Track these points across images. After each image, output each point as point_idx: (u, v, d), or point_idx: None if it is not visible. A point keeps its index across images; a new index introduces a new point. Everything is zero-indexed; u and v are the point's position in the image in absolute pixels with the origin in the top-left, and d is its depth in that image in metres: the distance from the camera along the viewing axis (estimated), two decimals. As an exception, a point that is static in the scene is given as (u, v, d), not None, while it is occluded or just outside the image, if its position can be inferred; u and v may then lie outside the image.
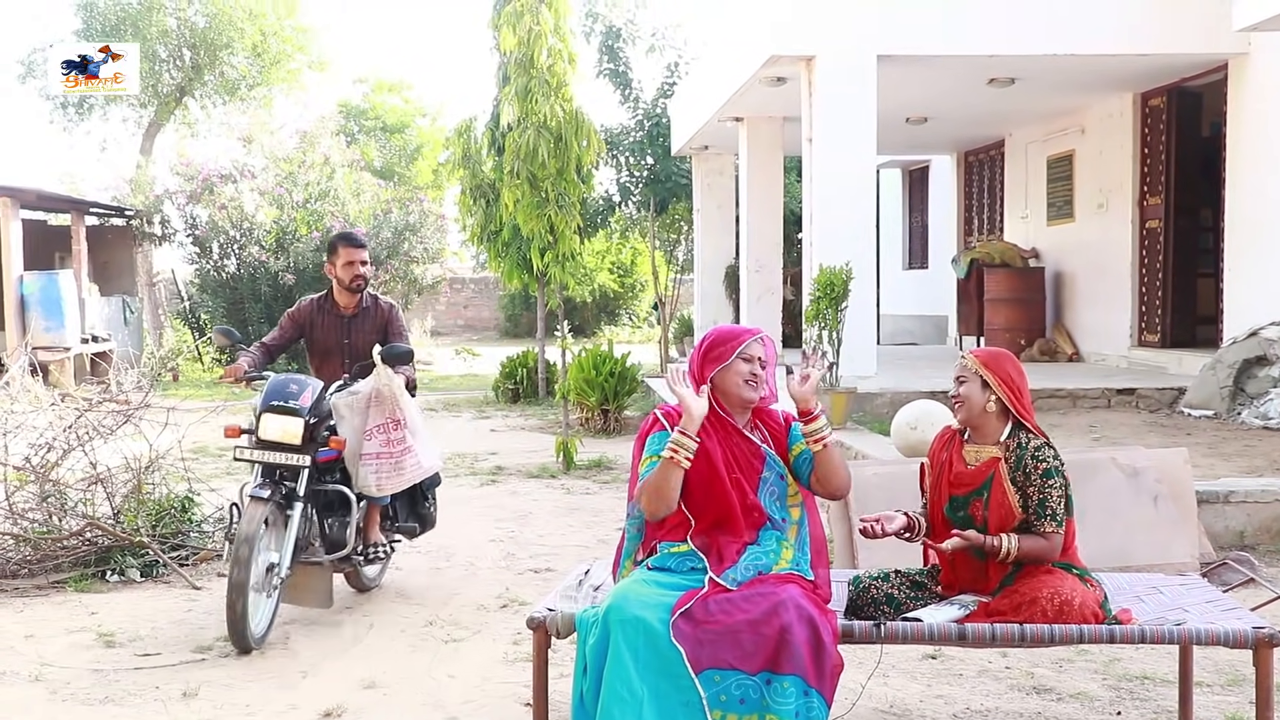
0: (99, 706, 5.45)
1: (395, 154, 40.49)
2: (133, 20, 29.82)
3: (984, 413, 4.63)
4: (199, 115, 33.28)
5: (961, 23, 12.46)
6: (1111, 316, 15.54)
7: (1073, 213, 16.72)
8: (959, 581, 4.69)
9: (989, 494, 4.57)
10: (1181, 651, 5.02)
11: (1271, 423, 11.13)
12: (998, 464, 4.59)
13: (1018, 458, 4.58)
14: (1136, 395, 12.55)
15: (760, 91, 14.52)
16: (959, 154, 20.90)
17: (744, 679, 4.21)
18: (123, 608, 7.09)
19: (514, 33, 11.62)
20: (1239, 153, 12.87)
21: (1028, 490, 4.55)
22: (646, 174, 21.96)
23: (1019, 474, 4.56)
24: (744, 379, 4.57)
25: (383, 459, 6.72)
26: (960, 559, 4.68)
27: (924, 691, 5.46)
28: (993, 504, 4.55)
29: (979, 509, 4.59)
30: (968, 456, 4.68)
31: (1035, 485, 4.54)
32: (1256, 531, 7.92)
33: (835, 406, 10.95)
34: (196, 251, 24.40)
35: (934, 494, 4.77)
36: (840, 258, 11.64)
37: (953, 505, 4.66)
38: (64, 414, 8.64)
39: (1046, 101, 15.77)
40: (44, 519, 8.01)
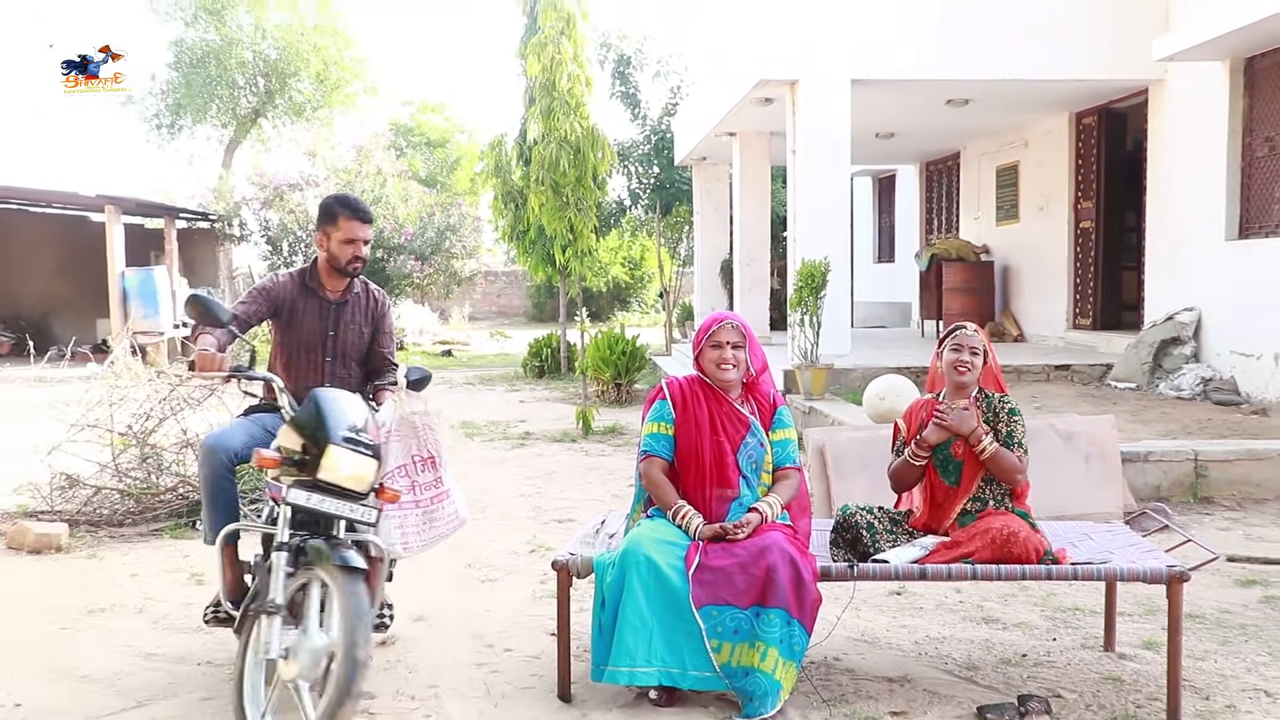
0: (192, 634, 5.50)
1: (438, 165, 40.41)
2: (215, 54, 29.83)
3: (973, 382, 4.78)
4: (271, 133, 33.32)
5: (924, 52, 12.44)
6: (1050, 303, 15.52)
7: (1018, 215, 16.68)
8: (927, 521, 4.77)
9: (934, 412, 4.70)
10: (1107, 587, 5.07)
11: (1184, 393, 11.14)
12: (972, 409, 4.72)
13: (988, 404, 4.75)
14: (1071, 370, 12.55)
15: (751, 111, 14.50)
16: (921, 164, 20.84)
17: (737, 613, 4.27)
18: (210, 552, 7.10)
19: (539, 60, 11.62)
20: (1157, 165, 12.85)
21: (998, 428, 4.69)
22: (653, 181, 21.94)
23: (990, 415, 4.71)
24: (716, 363, 4.66)
25: (408, 509, 4.76)
26: (934, 505, 4.77)
27: (890, 622, 5.49)
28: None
29: (958, 447, 4.70)
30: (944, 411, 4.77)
31: (1004, 421, 4.70)
32: (1171, 486, 7.95)
33: (815, 380, 10.98)
34: (269, 250, 24.43)
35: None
36: (819, 253, 11.66)
37: (935, 449, 4.75)
38: (159, 389, 8.68)
39: (996, 119, 15.73)
40: (144, 477, 8.06)
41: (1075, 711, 4.36)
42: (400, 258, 23.56)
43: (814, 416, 10.25)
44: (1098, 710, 4.37)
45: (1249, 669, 4.81)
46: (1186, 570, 4.31)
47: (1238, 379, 11.11)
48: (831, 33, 12.41)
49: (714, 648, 4.24)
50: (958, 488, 4.71)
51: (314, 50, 31.48)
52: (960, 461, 4.69)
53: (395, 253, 23.51)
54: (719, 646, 4.24)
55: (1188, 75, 12.01)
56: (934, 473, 4.76)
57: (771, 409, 4.72)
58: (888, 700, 4.44)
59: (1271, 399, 10.56)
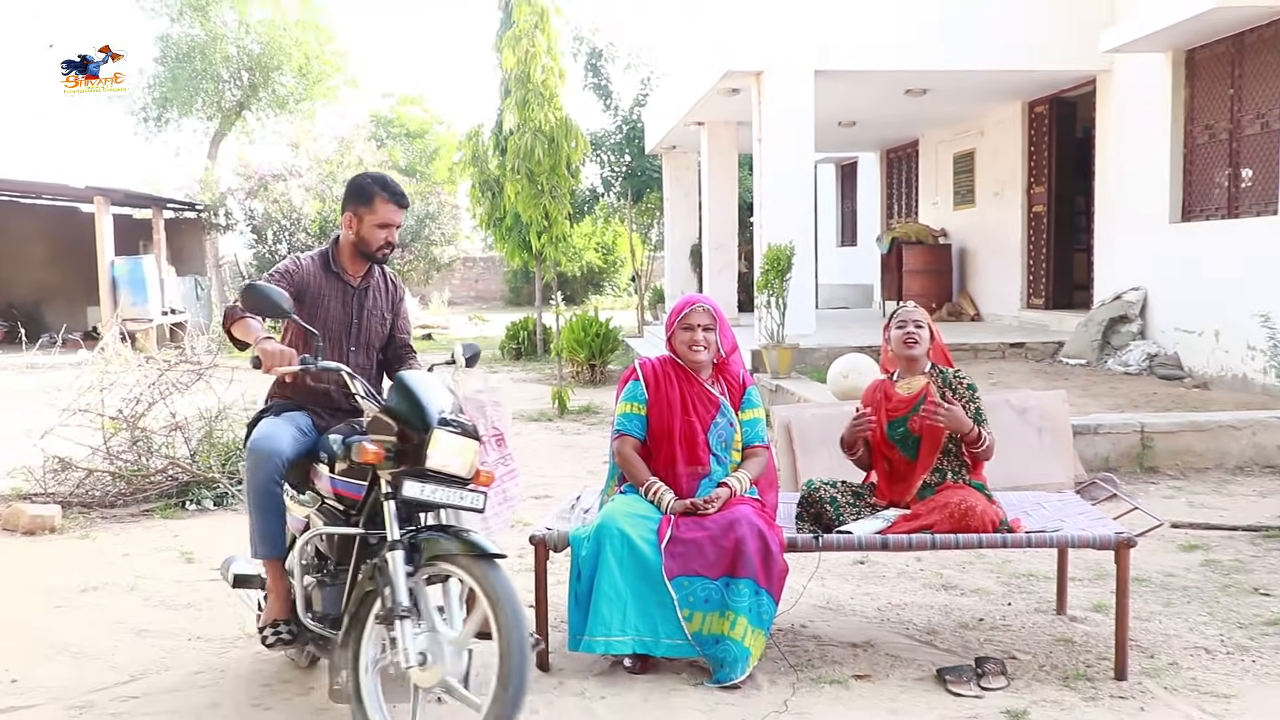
0: (182, 610, 5.48)
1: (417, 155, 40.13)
2: (200, 49, 29.57)
3: (926, 353, 4.79)
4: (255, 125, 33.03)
5: (884, 44, 12.44)
6: (1005, 284, 15.58)
7: (974, 200, 16.73)
8: (888, 495, 4.77)
9: (923, 408, 4.66)
10: (1059, 553, 5.12)
11: (1131, 369, 11.22)
12: (928, 386, 4.73)
13: (944, 380, 4.75)
14: (1025, 348, 12.61)
15: (718, 101, 14.48)
16: (882, 152, 20.86)
17: (708, 583, 4.28)
18: (199, 531, 7.11)
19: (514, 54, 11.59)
20: (1105, 151, 12.91)
21: (958, 403, 4.67)
22: (625, 170, 21.92)
23: (946, 390, 4.71)
24: (687, 345, 4.66)
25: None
26: (893, 479, 4.77)
27: (854, 590, 5.52)
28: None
29: (915, 422, 4.70)
30: (900, 389, 4.80)
31: (966, 397, 4.70)
32: (1119, 456, 8.02)
33: (781, 359, 11.01)
34: (254, 238, 24.29)
35: (876, 424, 4.81)
36: (785, 237, 11.68)
37: (892, 425, 4.76)
38: (149, 373, 8.62)
39: (952, 109, 15.75)
40: (134, 459, 8.02)
41: (1029, 672, 4.40)
42: (381, 245, 23.47)
43: (780, 394, 10.28)
44: (1050, 670, 4.41)
45: (1191, 628, 4.87)
46: (1133, 536, 4.35)
47: (1181, 355, 11.19)
48: (795, 25, 12.39)
49: (686, 617, 4.25)
50: (916, 462, 4.72)
51: (296, 45, 31.24)
52: (918, 437, 4.70)
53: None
54: (690, 615, 4.26)
55: (1133, 66, 12.05)
56: (893, 448, 4.77)
57: (741, 389, 4.73)
58: (852, 664, 4.47)
59: (1212, 373, 10.65)
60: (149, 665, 4.70)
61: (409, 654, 3.53)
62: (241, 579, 4.48)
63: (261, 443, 4.13)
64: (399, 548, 3.63)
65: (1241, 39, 10.61)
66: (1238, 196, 10.77)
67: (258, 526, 4.13)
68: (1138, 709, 4.05)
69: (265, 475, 4.08)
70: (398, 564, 3.60)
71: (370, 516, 3.88)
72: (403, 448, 3.70)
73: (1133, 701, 4.11)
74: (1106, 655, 4.49)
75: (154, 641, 5.01)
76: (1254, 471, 7.99)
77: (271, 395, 4.48)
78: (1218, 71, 11.02)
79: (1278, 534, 6.39)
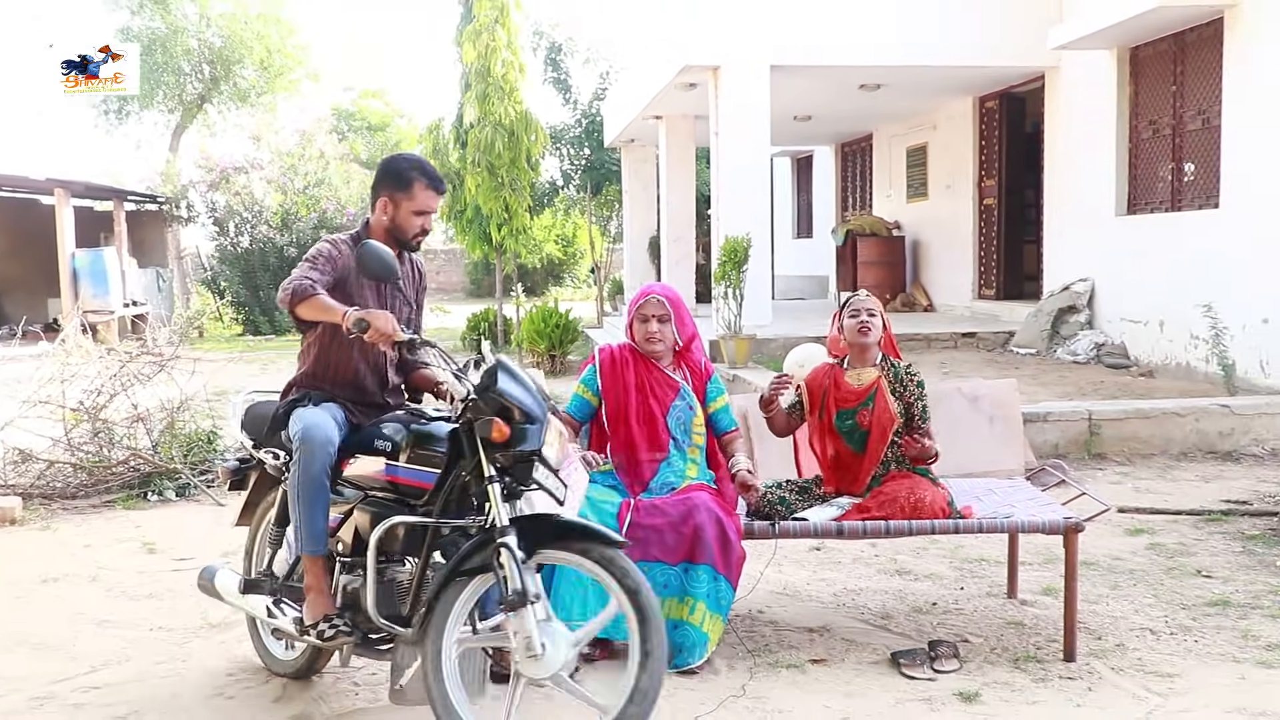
0: (144, 601, 5.42)
1: (378, 148, 39.82)
2: (162, 42, 29.27)
3: (877, 342, 4.71)
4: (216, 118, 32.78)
5: (839, 40, 12.46)
6: (957, 275, 15.68)
7: (927, 193, 16.82)
8: (837, 485, 4.75)
9: (874, 404, 4.62)
10: (1010, 538, 5.15)
11: (1079, 358, 11.33)
12: (879, 380, 4.66)
13: (894, 374, 4.68)
14: (977, 338, 12.71)
15: (676, 95, 14.45)
16: (836, 145, 20.92)
17: (667, 569, 4.27)
18: (161, 522, 7.04)
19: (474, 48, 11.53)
20: (1054, 146, 13.01)
21: (907, 399, 4.64)
22: (584, 163, 21.85)
23: (898, 386, 4.65)
24: (644, 337, 4.64)
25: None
26: (838, 468, 4.74)
27: (810, 576, 5.53)
28: (877, 411, 4.61)
29: (865, 416, 4.64)
30: (850, 379, 4.71)
31: (914, 395, 4.65)
32: (1067, 443, 8.09)
33: (738, 349, 11.02)
34: (216, 231, 24.02)
35: (823, 412, 4.75)
36: (742, 229, 11.68)
37: (841, 416, 4.68)
38: (110, 365, 8.51)
39: (906, 103, 15.81)
40: (96, 450, 7.91)
41: (981, 654, 4.43)
42: (343, 237, 23.30)
43: (737, 384, 10.29)
44: (1001, 652, 4.44)
45: (1136, 610, 4.92)
46: (1081, 521, 4.38)
47: (1127, 344, 11.31)
48: (751, 21, 12.40)
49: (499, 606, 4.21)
50: (863, 456, 4.66)
51: (257, 38, 31.00)
52: (866, 431, 4.65)
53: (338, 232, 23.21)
54: (649, 601, 4.24)
55: (1080, 63, 12.15)
56: (840, 440, 4.70)
57: (704, 378, 4.71)
58: (808, 649, 4.48)
59: (1157, 362, 10.76)
60: (110, 656, 4.63)
61: (532, 642, 3.38)
62: (253, 584, 4.20)
63: (315, 432, 3.85)
64: (511, 533, 3.45)
65: (1183, 37, 10.71)
66: (1181, 190, 10.89)
67: (308, 520, 3.83)
68: (1085, 689, 4.08)
69: (320, 466, 3.83)
70: (514, 549, 3.43)
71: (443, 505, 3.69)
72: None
73: (1081, 682, 4.14)
74: (1056, 637, 4.52)
75: (115, 632, 4.94)
76: (1197, 457, 8.09)
77: (298, 385, 4.15)
78: (1161, 69, 11.13)
79: (1219, 518, 6.47)
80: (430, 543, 3.69)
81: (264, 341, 20.90)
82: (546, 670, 3.41)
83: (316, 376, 4.12)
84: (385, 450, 3.86)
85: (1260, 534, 6.12)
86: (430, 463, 3.73)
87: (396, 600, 3.73)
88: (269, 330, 22.38)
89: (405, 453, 3.80)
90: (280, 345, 20.09)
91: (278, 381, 4.42)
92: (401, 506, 3.78)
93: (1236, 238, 9.73)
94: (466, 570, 3.53)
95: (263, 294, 22.81)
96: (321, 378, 4.11)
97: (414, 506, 3.75)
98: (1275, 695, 4.00)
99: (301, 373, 4.17)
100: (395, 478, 3.80)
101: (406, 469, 3.78)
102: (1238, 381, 9.28)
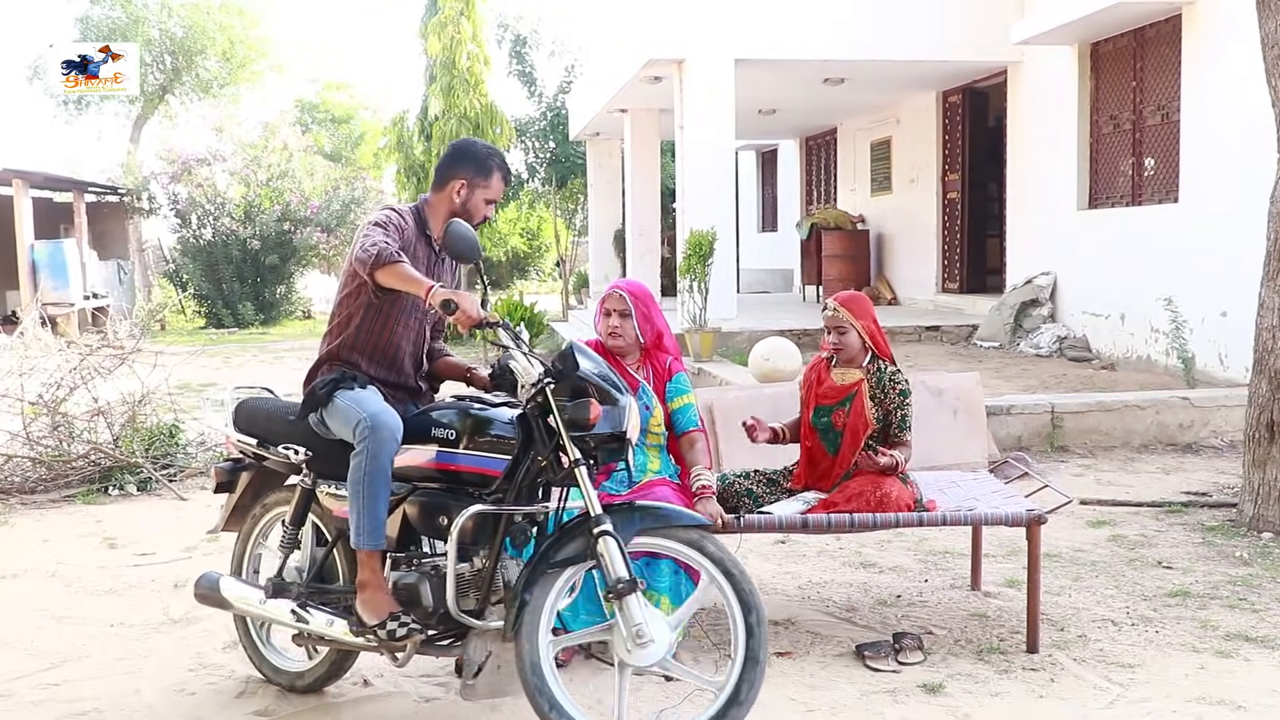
0: (104, 596, 5.35)
1: (342, 140, 39.57)
2: (122, 32, 28.95)
3: (855, 353, 4.65)
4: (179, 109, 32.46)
5: (803, 33, 12.47)
6: (921, 269, 15.74)
7: (891, 186, 16.87)
8: (808, 482, 4.74)
9: (850, 406, 4.59)
10: (974, 531, 5.17)
11: (1042, 351, 11.40)
12: (861, 383, 4.60)
13: (878, 380, 4.59)
14: (941, 331, 12.76)
15: (641, 88, 14.43)
16: (801, 139, 20.96)
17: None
18: (122, 516, 6.95)
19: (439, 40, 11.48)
20: (1016, 140, 13.09)
21: (887, 406, 4.57)
22: (549, 156, 21.84)
23: (878, 392, 4.58)
24: (606, 331, 4.62)
25: None
26: (811, 464, 4.74)
27: (776, 569, 5.54)
28: (853, 414, 4.58)
29: (840, 417, 4.60)
30: (835, 376, 4.68)
31: (895, 403, 4.56)
32: (1030, 436, 8.14)
33: (704, 343, 11.02)
34: (178, 223, 23.75)
35: (804, 405, 4.77)
36: (706, 223, 11.68)
37: (817, 413, 4.67)
38: (70, 358, 8.41)
39: (870, 97, 15.85)
40: (55, 445, 7.81)
41: (945, 646, 4.44)
42: (307, 230, 23.10)
43: (703, 377, 10.29)
44: (965, 644, 4.46)
45: (1098, 601, 4.96)
46: (1044, 514, 4.40)
47: (1089, 337, 11.39)
48: (716, 14, 12.39)
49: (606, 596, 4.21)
50: (835, 458, 4.63)
51: (220, 29, 30.73)
52: (840, 432, 4.63)
53: (302, 225, 23.04)
54: (611, 593, 4.22)
55: (1042, 58, 12.22)
56: (814, 434, 4.71)
57: (667, 375, 4.66)
58: (774, 642, 4.47)
59: (1119, 355, 10.85)
60: (69, 652, 4.57)
61: (642, 630, 3.35)
62: (281, 587, 3.96)
63: (386, 418, 3.64)
64: (608, 521, 3.41)
65: (1143, 33, 10.80)
66: (1141, 185, 10.98)
67: (370, 512, 3.61)
68: (1048, 680, 4.11)
69: (389, 455, 3.63)
70: (617, 537, 3.40)
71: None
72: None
73: (1043, 673, 4.17)
74: (1019, 629, 4.55)
75: (75, 628, 4.88)
76: (1157, 449, 8.16)
77: (334, 359, 3.91)
78: (1121, 64, 11.21)
79: (1179, 510, 6.53)
80: (505, 531, 3.57)
81: (226, 335, 20.72)
82: (655, 657, 3.40)
83: (356, 350, 3.89)
84: (448, 439, 3.67)
85: (1219, 525, 6.18)
86: (498, 449, 3.59)
87: (459, 592, 3.60)
88: (232, 323, 22.20)
89: (465, 440, 3.64)
90: (242, 339, 19.94)
91: (243, 375, 4.39)
92: (453, 495, 3.64)
93: (1196, 232, 9.82)
94: (558, 561, 3.47)
95: (225, 286, 22.64)
96: (361, 352, 3.89)
97: (475, 495, 3.60)
98: (1233, 684, 4.05)
99: (339, 344, 3.91)
100: (454, 465, 3.65)
101: (469, 456, 3.63)
102: (1197, 374, 9.37)
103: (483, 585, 3.58)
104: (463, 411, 3.73)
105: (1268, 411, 6.05)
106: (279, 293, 23.64)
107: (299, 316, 24.34)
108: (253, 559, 4.27)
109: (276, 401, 4.18)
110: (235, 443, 4.15)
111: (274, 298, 23.45)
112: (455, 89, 11.51)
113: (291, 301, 24.19)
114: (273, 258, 22.70)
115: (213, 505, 7.11)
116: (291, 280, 24.09)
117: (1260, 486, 6.07)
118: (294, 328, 22.66)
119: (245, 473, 4.19)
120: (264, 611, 3.98)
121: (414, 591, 3.62)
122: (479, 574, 3.59)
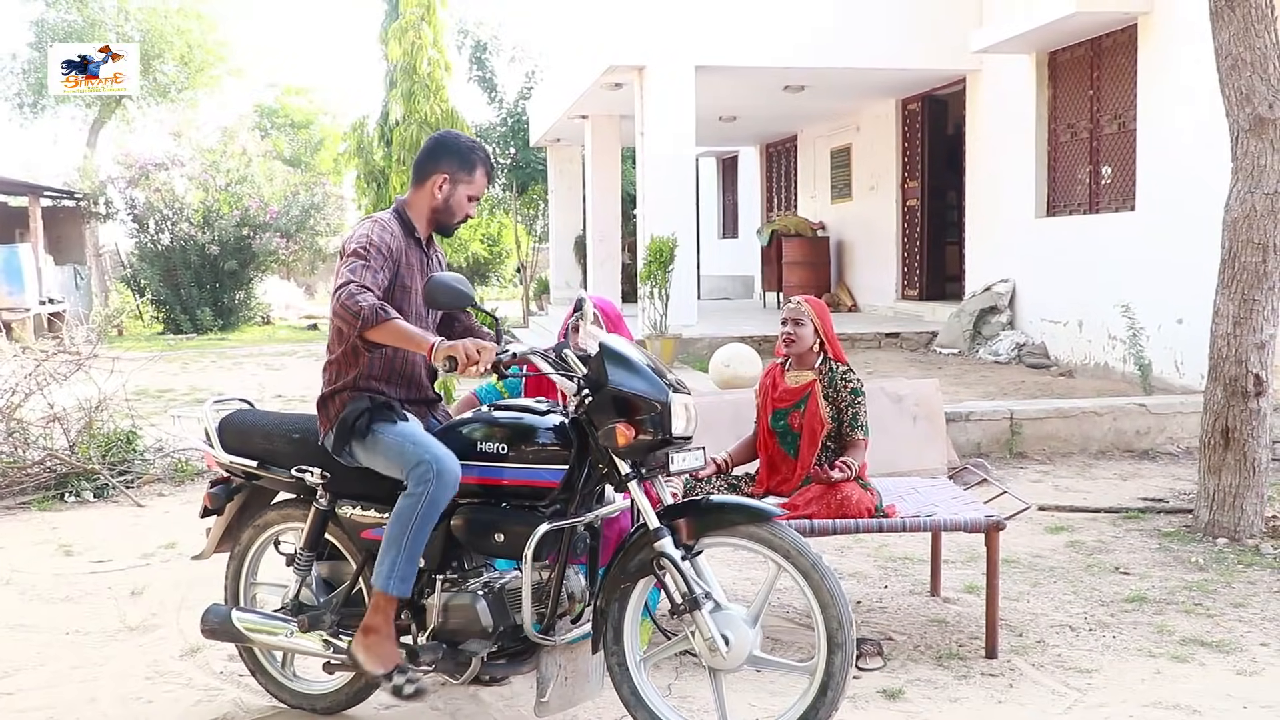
0: (60, 604, 5.29)
1: (302, 146, 39.30)
2: (78, 35, 28.59)
3: (809, 348, 4.71)
4: (136, 114, 32.11)
5: (762, 40, 12.50)
6: (881, 276, 15.81)
7: (851, 193, 16.95)
8: (769, 487, 4.76)
9: (805, 406, 4.65)
10: (933, 537, 5.20)
11: (1001, 358, 11.49)
12: (814, 384, 4.68)
13: (830, 379, 4.68)
14: (901, 338, 12.83)
15: (601, 95, 14.42)
16: (761, 146, 21.02)
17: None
18: (79, 523, 6.87)
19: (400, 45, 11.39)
20: (975, 148, 13.19)
21: (839, 405, 4.64)
22: (510, 162, 21.75)
23: (831, 391, 4.66)
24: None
25: None
26: (771, 469, 4.76)
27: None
28: (808, 415, 4.64)
29: (796, 419, 4.67)
30: (789, 379, 4.75)
31: (847, 401, 4.65)
32: (989, 442, 8.21)
33: (664, 349, 11.02)
34: (136, 228, 23.50)
35: (761, 411, 4.82)
36: (667, 229, 11.70)
37: (775, 417, 4.73)
38: (25, 364, 8.31)
39: (830, 105, 15.92)
40: (10, 451, 7.71)
41: (905, 652, 4.46)
42: (266, 235, 22.91)
43: (664, 383, 10.28)
44: (925, 650, 4.48)
45: (1057, 607, 5.00)
46: (1003, 520, 4.44)
47: (1048, 344, 11.50)
48: (676, 21, 12.40)
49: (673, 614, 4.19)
50: (796, 460, 4.68)
51: (178, 33, 30.46)
52: (798, 434, 4.67)
53: (261, 230, 22.87)
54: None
55: (1000, 67, 12.33)
56: (774, 438, 4.75)
57: None
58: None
59: (1077, 362, 10.95)
60: (24, 661, 4.51)
61: (715, 643, 3.32)
62: (315, 620, 3.75)
63: (448, 463, 3.44)
64: (665, 535, 3.33)
65: (1099, 43, 10.92)
66: (1098, 193, 11.09)
67: (411, 557, 3.45)
68: (1007, 685, 4.13)
69: (446, 501, 3.46)
70: (673, 556, 3.31)
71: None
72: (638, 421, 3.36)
73: (1002, 679, 4.20)
74: (978, 635, 4.58)
75: (29, 636, 4.82)
76: (1115, 455, 8.25)
77: (358, 388, 3.66)
78: (1078, 74, 11.33)
79: (1136, 516, 6.60)
80: (569, 544, 3.48)
81: (184, 340, 20.51)
82: (737, 660, 3.37)
83: (373, 378, 3.68)
84: (496, 453, 3.52)
85: (1175, 531, 6.25)
86: (552, 460, 3.47)
87: (510, 610, 3.50)
88: (190, 329, 21.98)
89: (512, 452, 3.50)
90: (201, 344, 19.76)
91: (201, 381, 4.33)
92: (504, 510, 3.52)
93: (1152, 239, 9.93)
94: (630, 573, 3.43)
95: (183, 292, 22.42)
96: (379, 378, 3.69)
97: (529, 507, 3.48)
98: (1189, 688, 4.09)
99: (356, 375, 3.67)
100: (501, 480, 3.51)
101: (517, 469, 3.49)
102: (1154, 381, 9.47)
103: (548, 600, 3.48)
104: (507, 424, 3.59)
105: (1222, 418, 6.13)
106: (238, 298, 23.45)
107: (258, 322, 24.15)
108: (247, 583, 4.09)
109: (268, 417, 4.00)
110: (227, 464, 3.94)
111: (233, 303, 23.25)
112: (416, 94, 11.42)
113: (250, 307, 23.99)
114: (231, 263, 22.51)
115: (171, 512, 7.09)
116: (250, 286, 23.89)
117: (1215, 492, 6.15)
118: (253, 333, 22.48)
119: (238, 495, 4.01)
120: (292, 644, 3.81)
121: (469, 613, 3.48)
122: (544, 588, 3.49)
